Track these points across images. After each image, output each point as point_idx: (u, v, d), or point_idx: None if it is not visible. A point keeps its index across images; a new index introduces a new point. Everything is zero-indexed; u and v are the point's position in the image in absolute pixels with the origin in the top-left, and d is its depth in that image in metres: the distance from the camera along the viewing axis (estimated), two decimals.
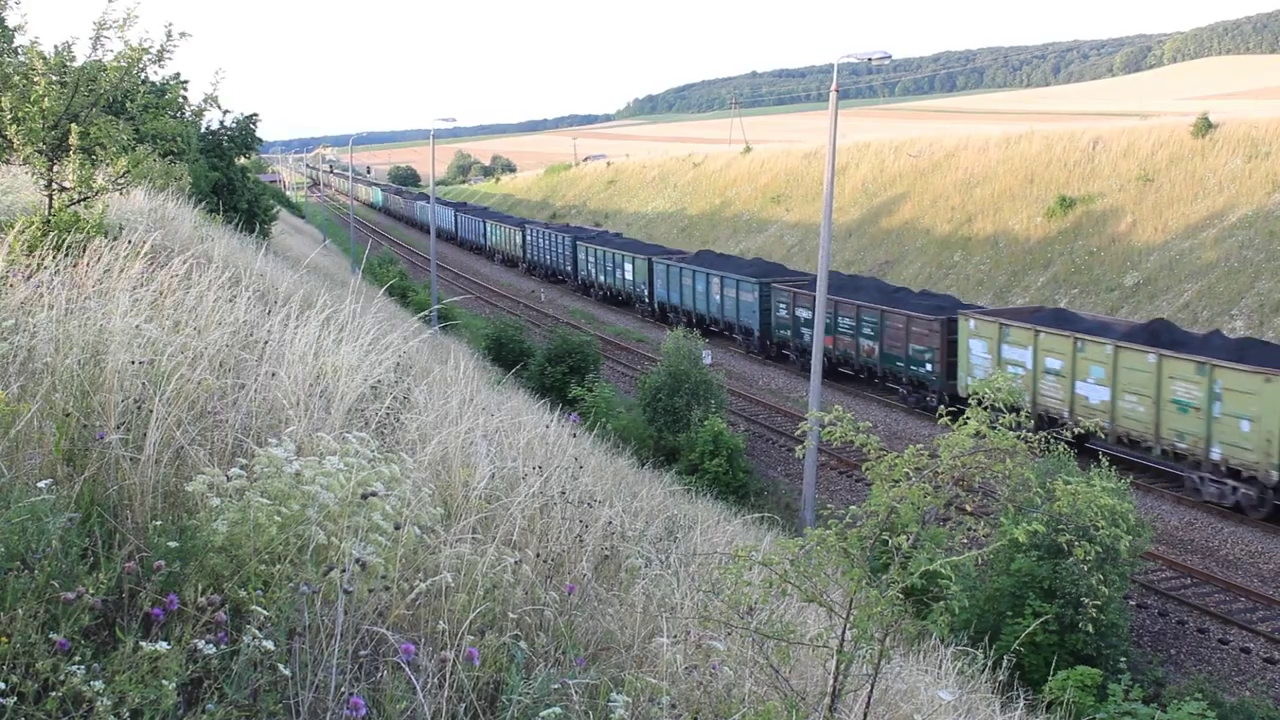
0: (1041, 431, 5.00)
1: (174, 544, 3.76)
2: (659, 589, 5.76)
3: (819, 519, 5.50)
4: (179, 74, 22.41)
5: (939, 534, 4.93)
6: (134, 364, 4.96)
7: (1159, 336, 26.19)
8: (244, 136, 36.30)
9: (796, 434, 23.51)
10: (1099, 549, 5.26)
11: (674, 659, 4.72)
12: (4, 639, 3.12)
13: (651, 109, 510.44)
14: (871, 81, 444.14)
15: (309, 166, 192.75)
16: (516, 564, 4.71)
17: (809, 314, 38.08)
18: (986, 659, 9.53)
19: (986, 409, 5.03)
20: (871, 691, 4.97)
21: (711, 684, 4.66)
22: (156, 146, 11.61)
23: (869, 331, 35.14)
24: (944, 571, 4.73)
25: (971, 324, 30.71)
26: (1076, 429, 5.55)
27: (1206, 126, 46.34)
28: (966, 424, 4.95)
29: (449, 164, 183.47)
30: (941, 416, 5.63)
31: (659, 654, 4.78)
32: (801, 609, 6.46)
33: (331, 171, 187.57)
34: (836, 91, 22.80)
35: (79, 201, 9.84)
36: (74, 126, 9.31)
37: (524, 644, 4.25)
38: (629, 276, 54.53)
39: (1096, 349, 26.51)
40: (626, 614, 5.26)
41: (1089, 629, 15.38)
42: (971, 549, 5.85)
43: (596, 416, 22.81)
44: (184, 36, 10.01)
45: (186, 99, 19.52)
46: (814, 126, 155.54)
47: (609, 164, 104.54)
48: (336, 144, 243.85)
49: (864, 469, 5.32)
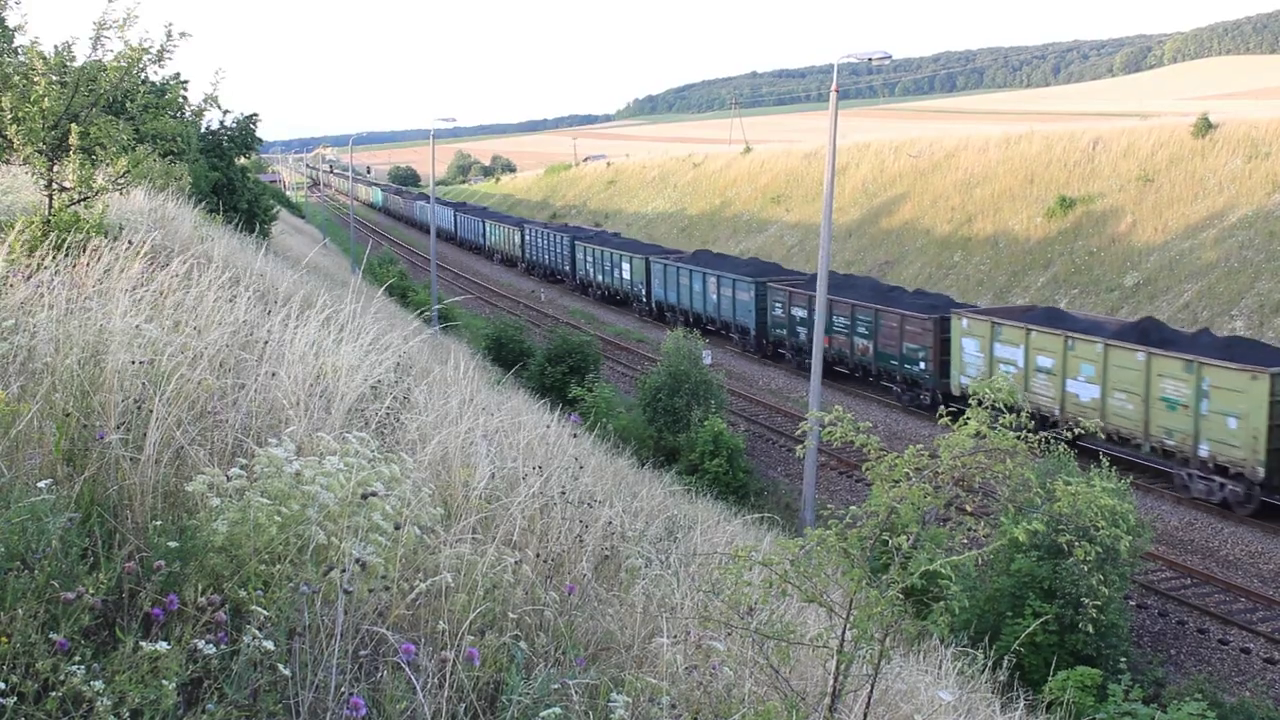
0: (1041, 432, 5.00)
1: (174, 544, 3.76)
2: (659, 589, 5.76)
3: (819, 519, 5.50)
4: (179, 74, 22.42)
5: (939, 534, 4.93)
6: (134, 364, 4.96)
7: (1148, 335, 26.46)
8: (244, 136, 36.32)
9: (796, 434, 23.49)
10: (1099, 549, 5.26)
11: (674, 659, 4.72)
12: (4, 639, 3.12)
13: (651, 109, 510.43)
14: (872, 82, 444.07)
15: (309, 166, 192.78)
16: (516, 564, 4.71)
17: (804, 313, 38.33)
18: (986, 659, 9.53)
19: (986, 409, 5.03)
20: (871, 692, 4.97)
21: (711, 684, 4.66)
22: (156, 146, 11.60)
23: (864, 330, 35.22)
24: (944, 572, 4.73)
25: (964, 323, 30.87)
26: (1077, 429, 5.54)
27: (1206, 127, 46.34)
28: (966, 424, 4.94)
29: (449, 164, 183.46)
30: (942, 417, 5.63)
31: (659, 654, 4.78)
32: (801, 609, 6.46)
33: (331, 171, 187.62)
34: (836, 92, 22.80)
35: (79, 201, 9.84)
36: (74, 126, 9.31)
37: (524, 644, 4.25)
38: (626, 276, 54.59)
39: (1087, 347, 26.74)
40: (626, 614, 5.26)
41: (1089, 629, 15.38)
42: (971, 549, 5.85)
43: (597, 416, 22.80)
44: (184, 36, 10.01)
45: (186, 99, 19.52)
46: (814, 127, 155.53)
47: (609, 164, 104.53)
48: (336, 144, 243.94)
49: (864, 469, 5.32)
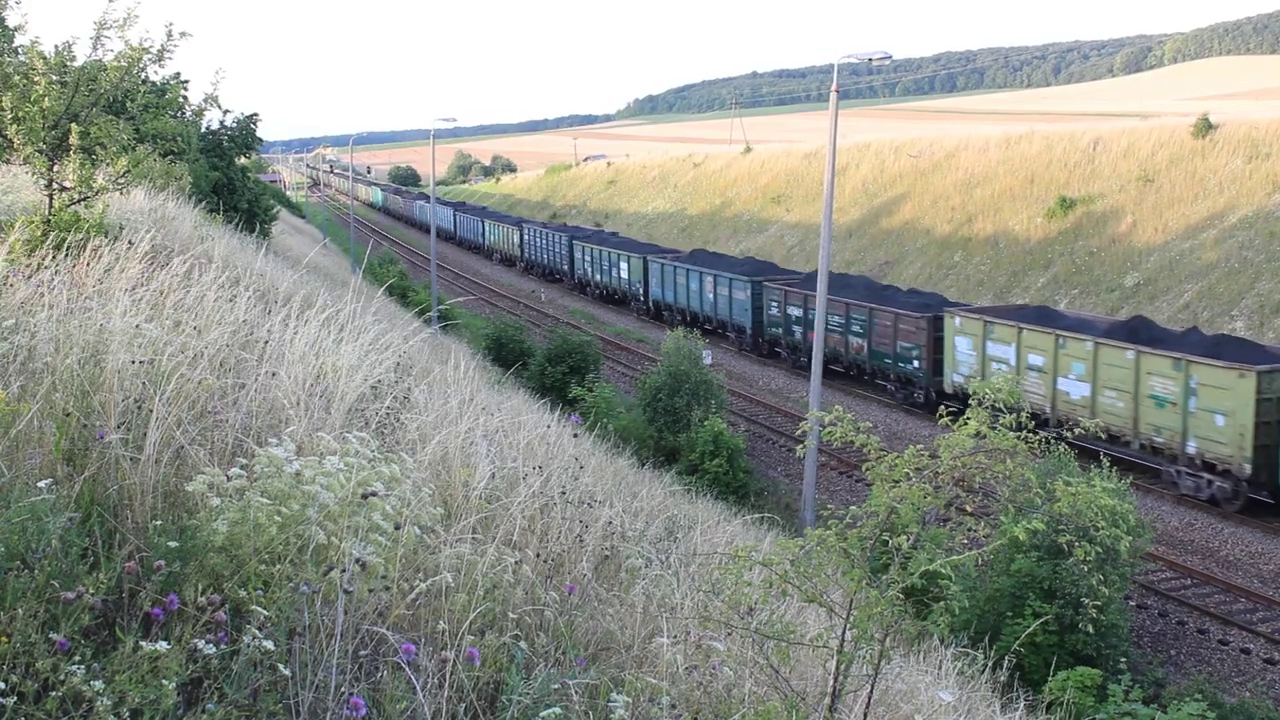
0: (1040, 432, 5.00)
1: (174, 544, 3.76)
2: (659, 589, 5.76)
3: (819, 519, 5.49)
4: (179, 74, 22.43)
5: (939, 534, 4.93)
6: (134, 364, 4.96)
7: (1138, 333, 26.72)
8: (244, 136, 36.34)
9: (797, 434, 23.50)
10: (1099, 549, 5.26)
11: (674, 659, 4.71)
12: (4, 639, 3.11)
13: (652, 109, 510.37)
14: (872, 82, 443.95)
15: (309, 166, 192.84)
16: (517, 564, 4.71)
17: (799, 311, 38.69)
18: (987, 659, 9.52)
19: (986, 409, 5.03)
20: (872, 692, 4.97)
21: (711, 684, 4.65)
22: (157, 146, 11.61)
23: (858, 329, 35.40)
24: (944, 572, 4.73)
25: (957, 321, 31.12)
26: (1077, 429, 5.54)
27: (1207, 127, 46.34)
28: (966, 424, 4.94)
29: (449, 164, 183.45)
30: (942, 417, 5.63)
31: (659, 654, 4.78)
32: (802, 609, 6.46)
33: (332, 171, 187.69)
34: (837, 92, 22.79)
35: (79, 201, 9.85)
36: (74, 126, 9.32)
37: (524, 644, 4.25)
38: (624, 275, 54.70)
39: (1077, 345, 26.96)
40: (627, 614, 5.26)
41: (1089, 629, 15.37)
42: (971, 549, 5.84)
43: (597, 416, 22.78)
44: (184, 36, 10.02)
45: (187, 99, 19.54)
46: (814, 127, 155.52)
47: (609, 164, 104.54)
48: (337, 144, 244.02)
49: (864, 469, 5.32)
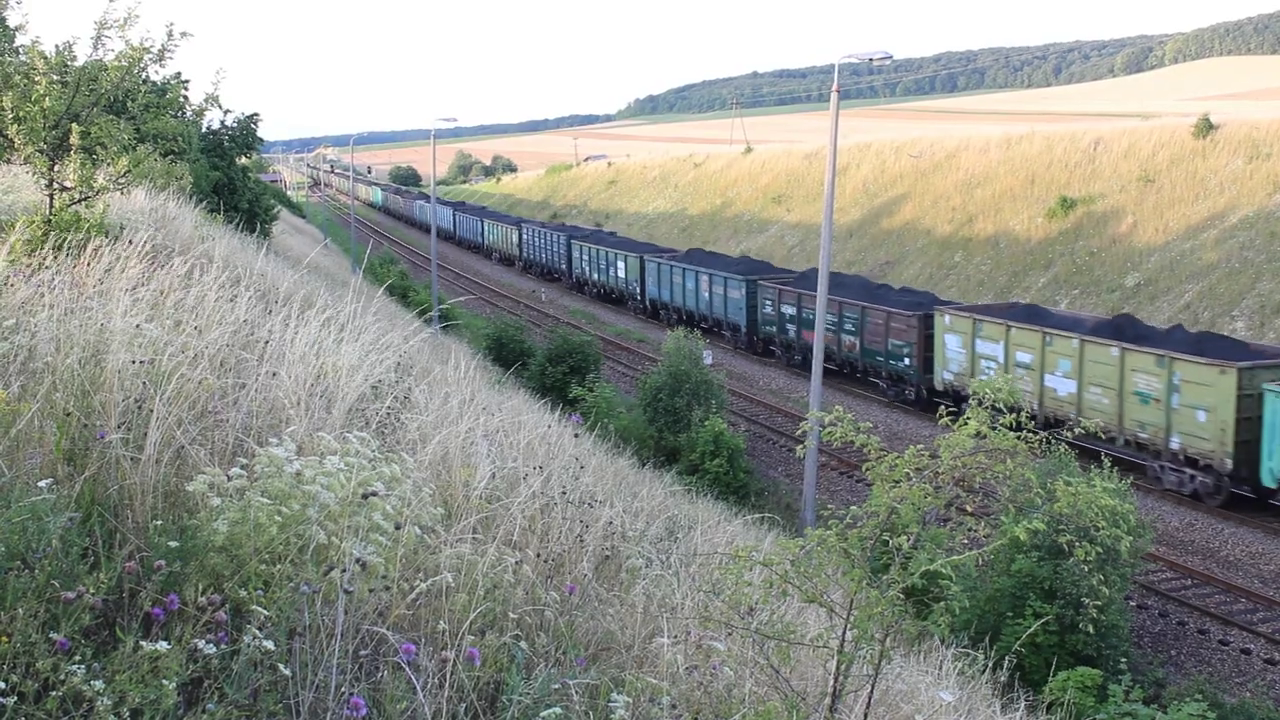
0: (1044, 432, 5.00)
1: (174, 544, 3.76)
2: (659, 589, 5.76)
3: (819, 519, 5.49)
4: (180, 73, 22.42)
5: (939, 534, 4.93)
6: (134, 363, 4.96)
7: (1123, 331, 27.20)
8: (245, 136, 36.36)
9: (797, 434, 23.48)
10: (1100, 550, 5.26)
11: (674, 659, 4.71)
12: (4, 638, 3.11)
13: (652, 109, 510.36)
14: (873, 82, 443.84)
15: (310, 166, 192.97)
16: (517, 564, 4.71)
17: (793, 310, 39.03)
18: (987, 660, 9.52)
19: (986, 409, 5.03)
20: (872, 692, 4.97)
21: (712, 684, 4.65)
22: (157, 146, 11.60)
23: (850, 327, 35.61)
24: (944, 572, 4.73)
25: (947, 319, 31.47)
26: (1078, 429, 5.55)
27: (1207, 127, 46.33)
28: (966, 424, 4.94)
29: (450, 164, 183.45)
30: (942, 417, 5.63)
31: (659, 654, 4.78)
32: (802, 609, 6.45)
33: (332, 171, 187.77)
34: (838, 92, 22.78)
35: (80, 201, 9.85)
36: (75, 126, 9.32)
37: (524, 644, 4.25)
38: (621, 274, 54.85)
39: (1064, 343, 27.39)
40: (627, 614, 5.26)
41: (1089, 630, 15.37)
42: (972, 549, 5.84)
43: (597, 417, 22.78)
44: (185, 36, 10.02)
45: (187, 98, 19.51)
46: (815, 127, 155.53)
47: (610, 164, 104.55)
48: (338, 144, 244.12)
49: (864, 469, 5.32)
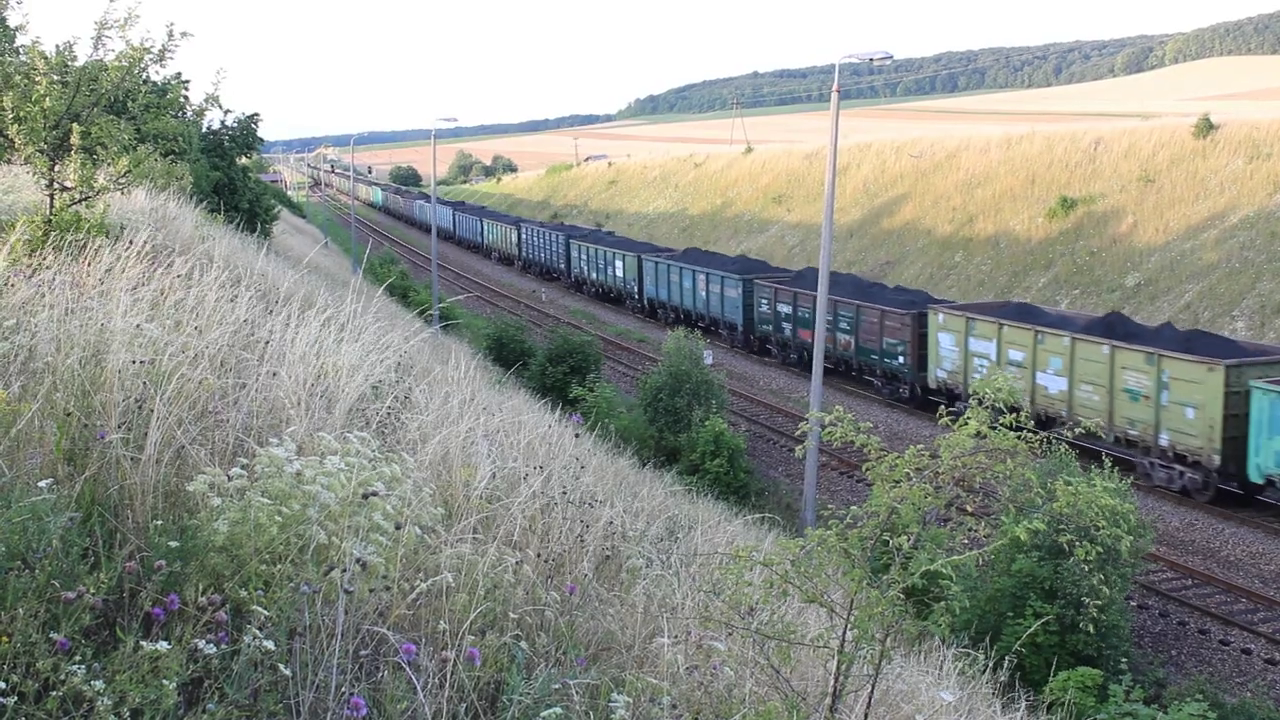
0: (1043, 432, 5.00)
1: (175, 544, 3.76)
2: (660, 589, 5.76)
3: (820, 519, 5.49)
4: (180, 73, 22.41)
5: (940, 534, 4.93)
6: (135, 363, 4.96)
7: (1114, 329, 27.40)
8: (245, 136, 36.37)
9: (797, 434, 23.50)
10: (1100, 549, 5.26)
11: (675, 659, 4.71)
12: (4, 638, 3.11)
13: (653, 109, 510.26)
14: (873, 82, 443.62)
15: (310, 166, 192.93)
16: (517, 564, 4.71)
17: (789, 309, 39.29)
18: (987, 660, 9.51)
19: (987, 409, 5.03)
20: (872, 692, 4.97)
21: (712, 684, 4.65)
22: (158, 146, 11.59)
23: (845, 326, 35.80)
24: (945, 572, 4.72)
25: (940, 318, 31.71)
26: (1078, 429, 5.56)
27: (1208, 127, 46.32)
28: (967, 424, 4.94)
29: (450, 164, 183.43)
30: (942, 417, 5.63)
31: (660, 654, 4.77)
32: (802, 609, 6.45)
33: (333, 171, 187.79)
34: (838, 92, 22.78)
35: (80, 201, 9.84)
36: (75, 126, 9.31)
37: (525, 644, 4.25)
38: (620, 274, 54.95)
39: (1055, 341, 27.65)
40: (627, 614, 5.26)
41: (1090, 630, 15.37)
42: (972, 549, 5.84)
43: (598, 417, 22.77)
44: (185, 36, 10.02)
45: (188, 98, 19.50)
46: (815, 127, 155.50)
47: (610, 164, 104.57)
48: (338, 144, 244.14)
49: (865, 469, 5.32)
